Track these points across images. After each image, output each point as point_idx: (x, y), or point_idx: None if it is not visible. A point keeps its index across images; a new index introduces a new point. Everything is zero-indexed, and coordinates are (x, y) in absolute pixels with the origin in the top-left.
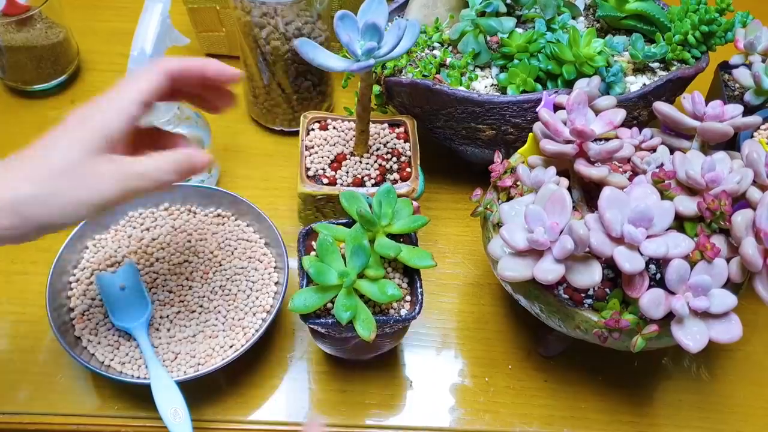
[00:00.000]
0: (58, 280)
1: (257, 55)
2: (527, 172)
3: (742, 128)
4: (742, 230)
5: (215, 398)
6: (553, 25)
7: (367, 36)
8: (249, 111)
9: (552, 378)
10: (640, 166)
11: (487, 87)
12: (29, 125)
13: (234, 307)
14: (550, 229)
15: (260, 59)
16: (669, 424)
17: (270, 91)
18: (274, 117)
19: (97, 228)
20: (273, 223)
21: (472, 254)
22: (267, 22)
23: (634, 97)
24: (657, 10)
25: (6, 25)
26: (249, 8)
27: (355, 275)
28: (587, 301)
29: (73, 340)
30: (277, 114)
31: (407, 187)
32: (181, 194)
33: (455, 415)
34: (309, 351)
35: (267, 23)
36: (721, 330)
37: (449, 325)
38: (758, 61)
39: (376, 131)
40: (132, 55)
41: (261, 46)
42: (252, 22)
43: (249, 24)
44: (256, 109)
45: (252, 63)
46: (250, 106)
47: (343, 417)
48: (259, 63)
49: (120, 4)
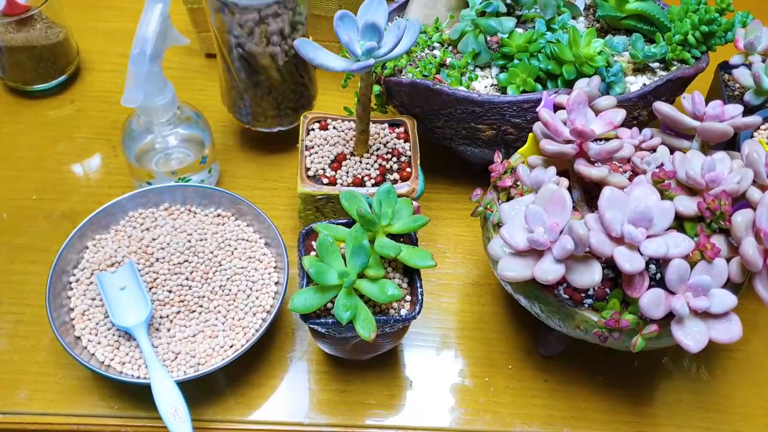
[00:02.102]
0: (58, 280)
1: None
2: (527, 172)
3: (742, 128)
4: (742, 230)
5: (215, 398)
6: (553, 25)
7: (367, 36)
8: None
9: (552, 378)
10: (640, 166)
11: (487, 87)
12: (29, 125)
13: (234, 307)
14: (550, 229)
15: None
16: (669, 424)
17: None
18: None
19: (97, 228)
20: (273, 223)
21: (472, 254)
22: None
23: (634, 97)
24: (657, 10)
25: (6, 25)
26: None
27: (355, 275)
28: (587, 301)
29: (73, 340)
30: (258, 118)
31: (407, 187)
32: (181, 194)
33: (455, 415)
34: (309, 351)
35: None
36: (721, 330)
37: (449, 325)
38: (758, 61)
39: (376, 131)
40: (132, 55)
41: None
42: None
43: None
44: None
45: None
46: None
47: (343, 417)
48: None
49: (120, 4)
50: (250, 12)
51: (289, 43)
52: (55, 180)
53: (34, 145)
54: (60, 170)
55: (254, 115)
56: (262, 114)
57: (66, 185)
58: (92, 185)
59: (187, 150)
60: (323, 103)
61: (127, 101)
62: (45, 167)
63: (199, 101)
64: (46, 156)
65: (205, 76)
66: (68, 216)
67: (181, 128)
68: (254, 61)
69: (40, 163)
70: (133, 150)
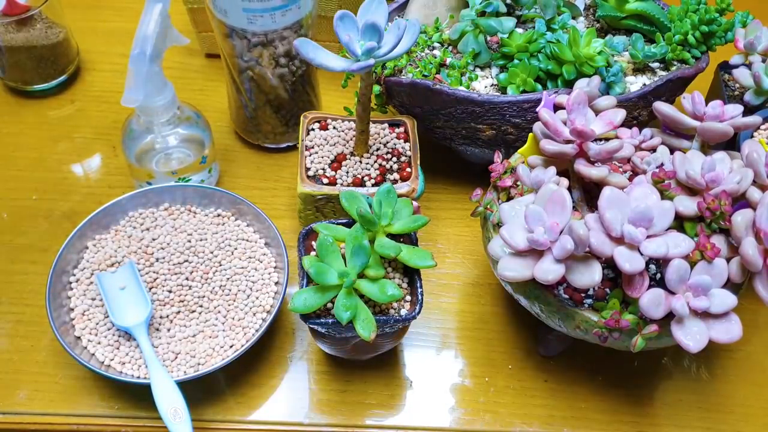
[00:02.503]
0: (58, 280)
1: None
2: (527, 172)
3: (742, 128)
4: (742, 230)
5: (215, 398)
6: (553, 25)
7: (367, 36)
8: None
9: (552, 378)
10: (640, 166)
11: (487, 87)
12: (29, 125)
13: (234, 307)
14: (550, 229)
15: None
16: (669, 424)
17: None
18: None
19: (97, 228)
20: (273, 223)
21: (472, 254)
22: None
23: (634, 97)
24: (657, 10)
25: (6, 25)
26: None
27: (355, 275)
28: (587, 301)
29: (73, 340)
30: (261, 131)
31: (407, 187)
32: (181, 194)
33: (455, 415)
34: (309, 351)
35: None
36: (721, 330)
37: (449, 325)
38: (758, 61)
39: (376, 131)
40: (132, 55)
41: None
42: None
43: (234, 58)
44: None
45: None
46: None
47: (343, 417)
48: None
49: (120, 4)
50: (258, 36)
51: (297, 64)
52: (55, 180)
53: (34, 145)
54: (60, 170)
55: (264, 132)
56: (271, 131)
57: (66, 185)
58: (92, 185)
59: (187, 150)
60: (323, 103)
61: (127, 101)
62: (45, 167)
63: (199, 101)
64: (46, 156)
65: (205, 76)
66: (68, 216)
67: (181, 128)
68: (263, 83)
69: (40, 163)
70: (133, 150)
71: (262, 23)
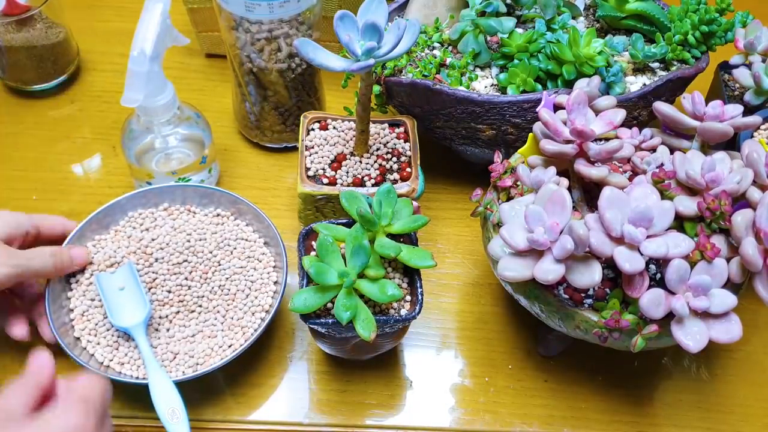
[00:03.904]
0: (58, 281)
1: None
2: (527, 172)
3: (742, 128)
4: (742, 230)
5: (214, 398)
6: (553, 25)
7: (367, 36)
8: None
9: (552, 378)
10: (640, 166)
11: (487, 87)
12: (29, 125)
13: (233, 307)
14: (550, 229)
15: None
16: (669, 424)
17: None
18: (262, 134)
19: (96, 228)
20: (271, 222)
21: (472, 254)
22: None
23: (634, 97)
24: (657, 10)
25: (6, 25)
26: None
27: (355, 275)
28: (587, 301)
29: (73, 340)
30: (265, 131)
31: (407, 187)
32: (181, 194)
33: (455, 415)
34: (309, 351)
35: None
36: (721, 330)
37: (449, 325)
38: (758, 61)
39: (376, 131)
40: (132, 55)
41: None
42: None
43: (237, 52)
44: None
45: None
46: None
47: (343, 417)
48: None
49: (120, 4)
50: (262, 31)
51: (297, 62)
52: (55, 180)
53: (34, 145)
54: (60, 170)
55: (261, 129)
56: (269, 128)
57: (66, 185)
58: (92, 185)
59: (187, 150)
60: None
61: (127, 101)
62: (45, 167)
63: (199, 101)
64: (46, 156)
65: (205, 76)
66: (68, 216)
67: (181, 128)
68: (263, 77)
69: (40, 163)
70: (133, 150)
71: (259, 12)
